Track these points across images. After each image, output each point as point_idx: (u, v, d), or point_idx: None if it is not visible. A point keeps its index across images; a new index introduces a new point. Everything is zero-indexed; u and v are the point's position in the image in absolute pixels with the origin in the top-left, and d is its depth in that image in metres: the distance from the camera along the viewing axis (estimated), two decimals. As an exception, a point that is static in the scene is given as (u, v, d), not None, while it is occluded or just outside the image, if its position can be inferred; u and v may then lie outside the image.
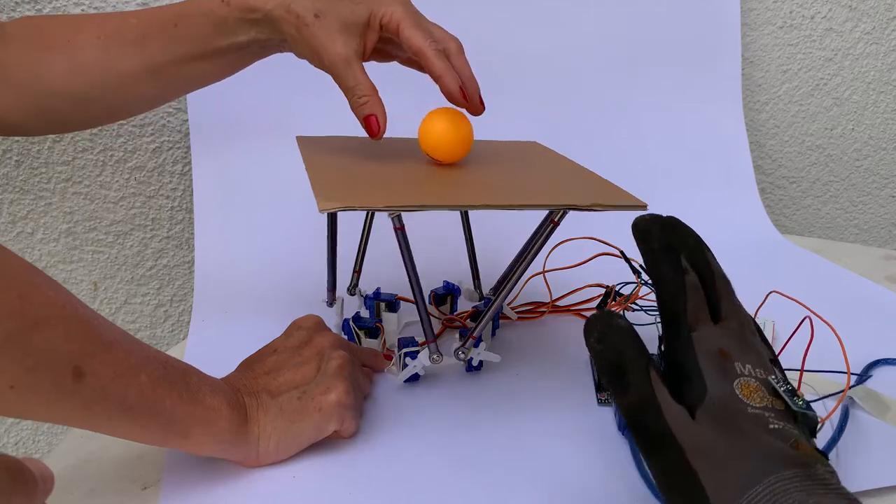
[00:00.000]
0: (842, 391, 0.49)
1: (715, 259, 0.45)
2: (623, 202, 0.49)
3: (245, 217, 0.81)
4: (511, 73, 0.90)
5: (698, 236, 0.46)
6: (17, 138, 0.79)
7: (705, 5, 0.93)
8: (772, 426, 0.37)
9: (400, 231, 0.49)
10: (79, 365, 0.36)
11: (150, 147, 0.84)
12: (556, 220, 0.51)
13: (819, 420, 0.40)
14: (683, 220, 0.46)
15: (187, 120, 0.82)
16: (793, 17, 0.98)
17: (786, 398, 0.39)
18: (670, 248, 0.44)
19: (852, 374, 0.55)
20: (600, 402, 0.54)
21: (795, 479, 0.34)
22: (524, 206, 0.47)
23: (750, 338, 0.42)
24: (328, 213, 0.58)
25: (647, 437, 0.38)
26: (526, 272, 0.66)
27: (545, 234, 0.51)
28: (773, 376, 0.40)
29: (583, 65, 0.92)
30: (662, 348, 0.44)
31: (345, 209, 0.44)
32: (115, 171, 0.84)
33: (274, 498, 0.45)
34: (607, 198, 0.49)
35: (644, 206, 0.48)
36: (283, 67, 0.84)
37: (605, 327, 0.40)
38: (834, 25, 1.00)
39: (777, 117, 1.03)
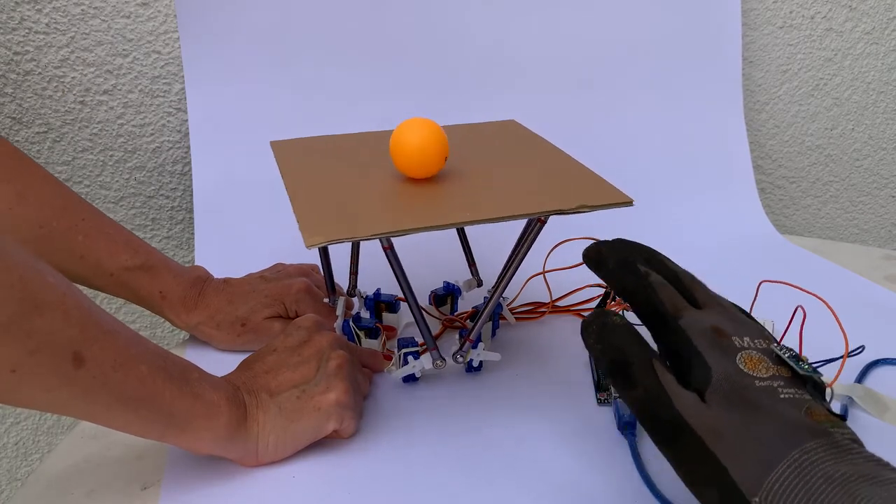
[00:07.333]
0: (841, 357, 0.49)
1: (672, 262, 0.46)
2: (609, 200, 0.48)
3: (245, 217, 0.81)
4: (510, 73, 0.90)
5: (650, 248, 0.46)
6: (16, 138, 0.79)
7: (705, 5, 0.93)
8: (783, 396, 0.37)
9: (389, 250, 0.49)
10: (79, 350, 0.36)
11: (150, 147, 0.84)
12: (542, 219, 0.51)
13: (826, 385, 0.39)
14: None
15: (187, 120, 0.82)
16: (793, 17, 0.98)
17: (791, 364, 0.39)
18: (626, 261, 0.44)
19: (851, 354, 0.54)
20: (600, 402, 0.54)
21: (819, 450, 0.34)
22: (509, 217, 0.46)
23: (739, 315, 0.42)
24: None
25: (660, 429, 0.37)
26: (526, 273, 0.67)
27: (534, 233, 0.51)
28: (775, 344, 0.40)
29: (582, 65, 0.92)
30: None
31: (331, 243, 0.44)
32: (115, 171, 0.84)
33: (274, 498, 0.45)
34: (592, 198, 0.48)
35: (630, 202, 0.48)
36: (282, 68, 0.85)
37: (602, 326, 0.40)
38: (834, 25, 1.00)
39: (777, 117, 1.03)
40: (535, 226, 0.51)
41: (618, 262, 0.44)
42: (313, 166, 0.56)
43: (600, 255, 0.45)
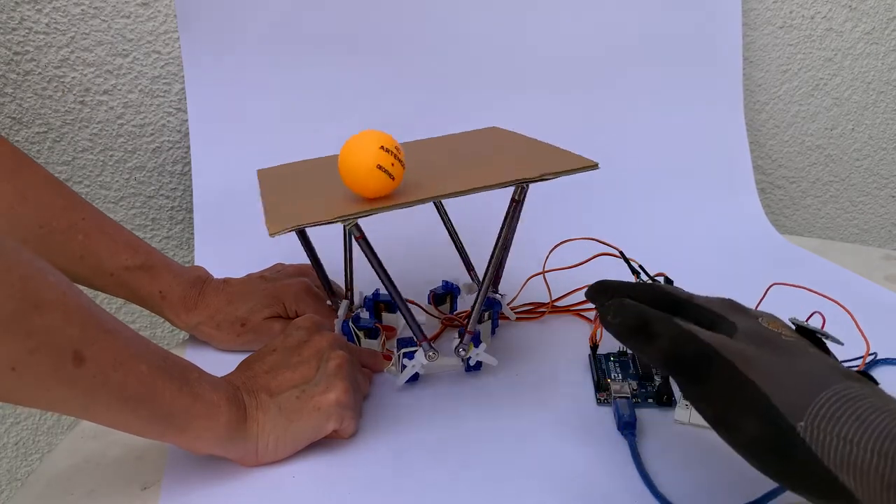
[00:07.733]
0: (861, 358, 0.49)
1: None
2: (571, 166, 0.49)
3: (245, 217, 0.81)
4: (510, 73, 0.90)
5: None
6: (16, 138, 0.79)
7: (705, 5, 0.93)
8: (812, 350, 0.36)
9: (361, 240, 0.48)
10: (79, 349, 0.36)
11: (150, 147, 0.84)
12: (516, 198, 0.51)
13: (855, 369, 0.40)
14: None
15: (187, 120, 0.82)
16: (793, 17, 0.98)
17: (813, 330, 0.38)
18: (627, 282, 0.46)
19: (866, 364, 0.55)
20: (599, 401, 0.54)
21: (865, 388, 0.32)
22: (473, 189, 0.46)
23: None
24: (296, 232, 0.58)
25: (690, 367, 0.36)
26: (526, 273, 0.67)
27: (512, 215, 0.52)
28: (793, 318, 0.40)
29: (582, 64, 0.92)
30: None
31: (294, 229, 0.43)
32: (115, 171, 0.84)
33: (274, 498, 0.45)
34: (556, 166, 0.49)
35: (594, 165, 0.49)
36: (282, 68, 0.85)
37: (619, 304, 0.41)
38: (834, 25, 1.00)
39: (777, 117, 1.03)
40: (510, 207, 0.51)
41: (620, 284, 0.46)
42: (292, 178, 0.56)
43: (602, 285, 0.47)
